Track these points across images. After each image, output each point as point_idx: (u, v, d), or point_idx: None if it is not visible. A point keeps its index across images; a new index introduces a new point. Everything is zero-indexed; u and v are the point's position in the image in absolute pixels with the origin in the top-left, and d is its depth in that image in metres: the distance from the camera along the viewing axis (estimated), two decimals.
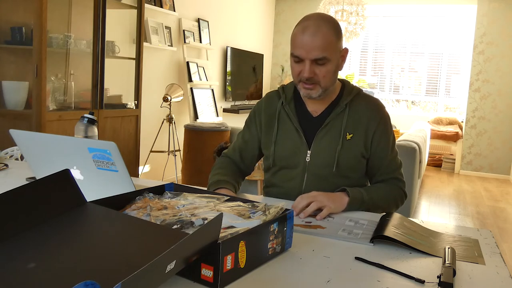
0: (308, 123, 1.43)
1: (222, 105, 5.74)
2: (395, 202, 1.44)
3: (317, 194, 1.26)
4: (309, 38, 1.27)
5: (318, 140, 1.40)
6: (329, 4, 5.43)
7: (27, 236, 0.77)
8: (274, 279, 0.83)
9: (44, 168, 1.24)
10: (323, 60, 1.29)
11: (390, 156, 1.44)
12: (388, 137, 1.43)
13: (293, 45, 1.32)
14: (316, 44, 1.27)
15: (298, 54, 1.30)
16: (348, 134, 1.39)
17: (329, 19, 1.32)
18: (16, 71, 2.88)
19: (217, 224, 0.75)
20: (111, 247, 0.74)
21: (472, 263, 0.95)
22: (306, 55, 1.28)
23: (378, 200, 1.37)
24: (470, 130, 6.18)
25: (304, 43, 1.28)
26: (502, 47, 5.98)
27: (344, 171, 1.40)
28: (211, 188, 1.34)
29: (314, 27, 1.28)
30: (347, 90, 1.44)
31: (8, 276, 0.66)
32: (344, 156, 1.39)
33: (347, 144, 1.39)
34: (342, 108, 1.40)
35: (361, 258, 0.93)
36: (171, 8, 4.57)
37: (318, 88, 1.33)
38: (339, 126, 1.39)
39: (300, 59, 1.30)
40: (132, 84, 3.61)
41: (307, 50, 1.28)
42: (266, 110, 1.48)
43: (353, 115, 1.40)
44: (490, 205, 4.59)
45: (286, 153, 1.43)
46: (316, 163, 1.40)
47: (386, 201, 1.41)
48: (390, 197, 1.42)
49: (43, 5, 2.66)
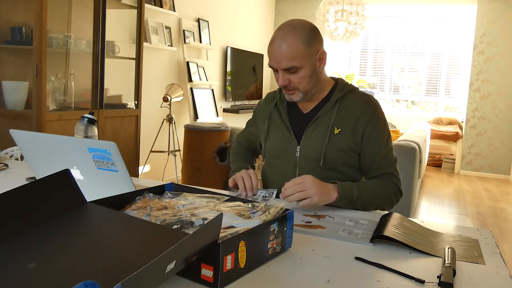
0: (298, 120, 1.48)
1: (222, 105, 5.74)
2: (389, 199, 1.42)
3: (309, 181, 1.26)
4: (277, 50, 1.33)
5: (307, 136, 1.44)
6: (329, 4, 5.43)
7: (27, 236, 0.77)
8: (274, 279, 0.83)
9: (44, 168, 1.24)
10: (293, 69, 1.35)
11: (384, 151, 1.43)
12: (381, 132, 1.43)
13: (268, 56, 1.38)
14: (283, 55, 1.32)
15: (271, 65, 1.38)
16: (336, 128, 1.41)
17: (298, 26, 1.34)
18: (16, 71, 2.88)
19: (217, 224, 0.75)
20: (111, 247, 0.74)
21: (472, 263, 0.95)
22: (277, 65, 1.35)
23: (370, 197, 1.37)
24: (470, 130, 6.18)
25: (273, 55, 1.35)
26: (502, 47, 5.98)
27: (332, 165, 1.41)
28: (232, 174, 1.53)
29: (280, 38, 1.32)
30: (339, 87, 1.47)
31: (8, 276, 0.66)
32: (331, 150, 1.40)
33: (334, 138, 1.41)
34: (331, 104, 1.44)
35: (361, 258, 0.93)
36: (171, 8, 4.57)
37: (298, 92, 1.40)
38: (327, 121, 1.43)
39: (274, 69, 1.38)
40: (132, 84, 3.61)
41: (277, 61, 1.35)
42: (262, 109, 1.59)
43: (342, 110, 1.43)
44: (490, 205, 4.59)
45: (276, 149, 1.50)
46: (305, 157, 1.44)
47: (379, 198, 1.40)
48: (383, 194, 1.41)
49: (43, 5, 2.66)
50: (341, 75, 6.76)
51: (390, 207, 1.45)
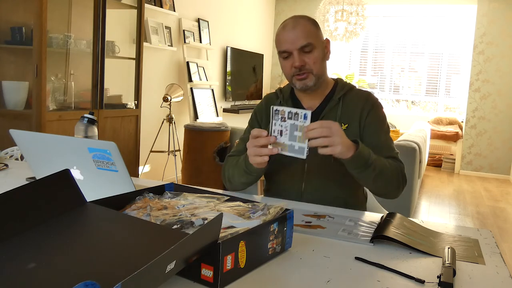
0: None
1: (222, 105, 5.74)
2: (396, 179, 1.37)
3: (335, 128, 1.18)
4: (290, 31, 1.37)
5: None
6: (329, 4, 5.43)
7: (27, 236, 0.77)
8: (274, 279, 0.83)
9: (44, 168, 1.24)
10: (309, 47, 1.37)
11: (383, 139, 1.43)
12: (380, 122, 1.45)
13: (279, 44, 1.41)
14: (298, 34, 1.37)
15: (285, 48, 1.38)
16: (343, 124, 1.42)
17: (305, 16, 1.43)
18: (16, 71, 2.88)
19: (217, 224, 0.75)
20: (111, 247, 0.74)
21: (472, 263, 0.95)
22: (292, 46, 1.37)
23: (383, 167, 1.31)
24: (470, 130, 6.18)
25: (287, 37, 1.38)
26: (502, 47, 5.97)
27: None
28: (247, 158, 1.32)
29: (293, 22, 1.39)
30: (340, 86, 1.50)
31: (8, 276, 0.66)
32: None
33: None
34: (335, 101, 1.45)
35: (361, 258, 0.93)
36: (171, 8, 4.57)
37: (311, 76, 1.40)
38: (333, 118, 1.43)
39: (288, 53, 1.38)
40: (132, 84, 3.61)
41: (292, 42, 1.37)
42: (266, 110, 1.55)
43: (346, 107, 1.45)
44: (490, 205, 4.59)
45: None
46: (314, 155, 1.41)
47: (389, 173, 1.34)
48: (393, 170, 1.36)
49: (43, 5, 2.66)
50: (341, 75, 6.76)
51: (395, 192, 1.39)
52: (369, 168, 1.27)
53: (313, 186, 1.44)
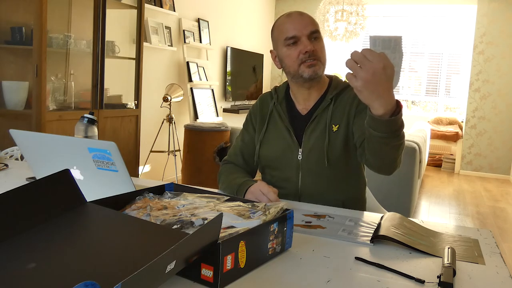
0: (298, 122, 1.46)
1: (222, 105, 5.74)
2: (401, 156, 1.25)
3: (373, 64, 0.98)
4: (299, 17, 1.38)
5: (307, 138, 1.42)
6: (329, 4, 5.43)
7: (27, 236, 0.77)
8: (274, 279, 0.83)
9: (44, 168, 1.24)
10: (316, 34, 1.38)
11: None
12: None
13: (284, 31, 1.38)
14: (307, 21, 1.38)
15: (294, 34, 1.36)
16: (334, 125, 1.40)
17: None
18: (16, 71, 2.88)
19: (217, 224, 0.75)
20: (111, 247, 0.74)
21: (472, 263, 0.95)
22: (302, 31, 1.36)
23: (403, 139, 1.18)
24: (470, 130, 6.18)
25: (296, 23, 1.37)
26: (502, 47, 5.97)
27: (336, 163, 1.39)
28: (242, 189, 1.31)
29: (297, 12, 1.41)
30: (333, 85, 1.47)
31: (8, 276, 0.66)
32: (333, 149, 1.39)
33: (333, 136, 1.39)
34: (327, 102, 1.43)
35: (361, 258, 0.93)
36: (171, 8, 4.57)
37: (319, 64, 1.38)
38: (324, 120, 1.42)
39: (296, 39, 1.36)
40: (132, 84, 3.61)
41: (301, 27, 1.36)
42: (260, 111, 1.53)
43: (337, 106, 1.43)
44: (490, 205, 4.59)
45: (278, 153, 1.45)
46: (308, 160, 1.42)
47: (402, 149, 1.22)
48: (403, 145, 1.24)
49: (43, 5, 2.66)
50: (341, 75, 6.75)
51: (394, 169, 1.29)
52: (401, 128, 1.12)
53: (309, 191, 1.43)
